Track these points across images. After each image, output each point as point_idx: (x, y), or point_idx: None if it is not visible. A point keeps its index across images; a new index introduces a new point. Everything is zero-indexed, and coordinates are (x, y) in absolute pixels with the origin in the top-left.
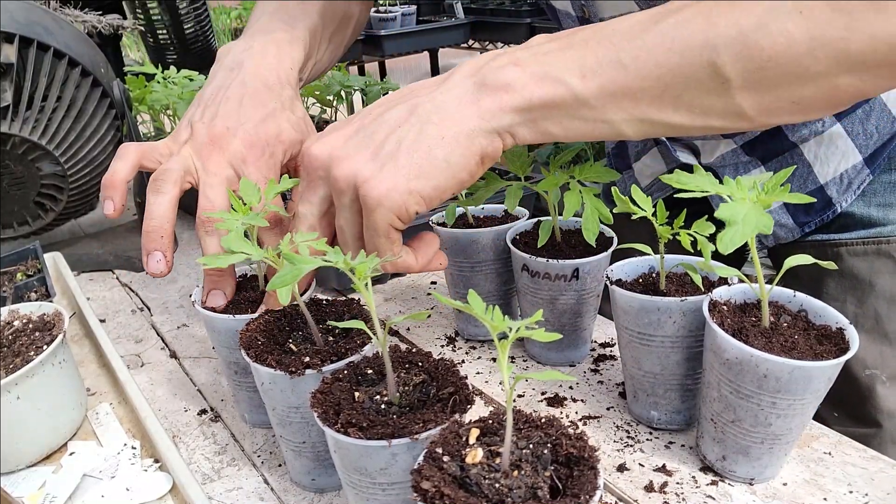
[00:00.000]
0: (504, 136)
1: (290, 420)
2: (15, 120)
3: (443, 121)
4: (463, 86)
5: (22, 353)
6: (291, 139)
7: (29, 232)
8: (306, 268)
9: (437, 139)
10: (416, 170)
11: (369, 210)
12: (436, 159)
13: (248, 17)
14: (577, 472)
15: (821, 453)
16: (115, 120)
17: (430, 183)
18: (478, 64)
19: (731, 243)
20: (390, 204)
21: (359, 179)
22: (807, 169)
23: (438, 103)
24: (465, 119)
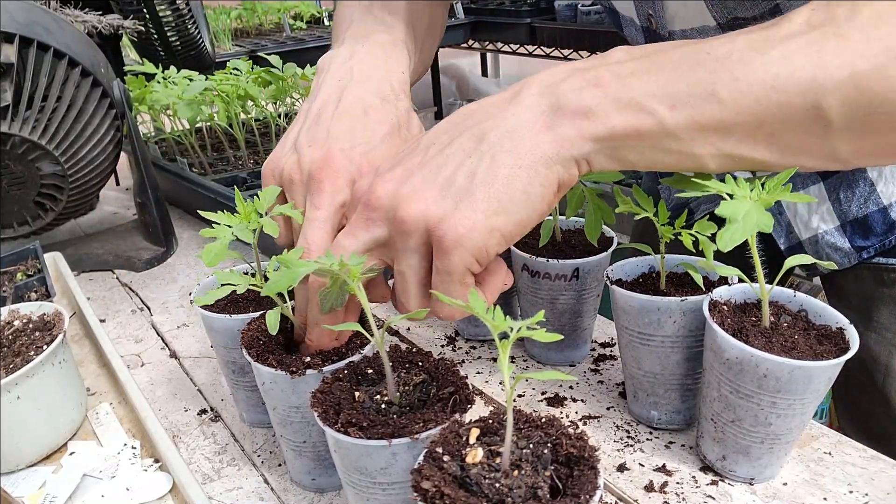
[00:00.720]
0: (581, 164)
1: (291, 420)
2: (15, 120)
3: (517, 147)
4: (536, 108)
5: (22, 353)
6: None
7: (29, 232)
8: (302, 272)
9: (513, 168)
10: (496, 205)
11: (444, 253)
12: (515, 191)
13: (249, 17)
14: (578, 472)
15: (821, 453)
16: (115, 120)
17: (512, 219)
18: (550, 81)
19: (730, 241)
20: (470, 245)
21: (431, 220)
22: (869, 188)
23: (510, 128)
24: (541, 146)
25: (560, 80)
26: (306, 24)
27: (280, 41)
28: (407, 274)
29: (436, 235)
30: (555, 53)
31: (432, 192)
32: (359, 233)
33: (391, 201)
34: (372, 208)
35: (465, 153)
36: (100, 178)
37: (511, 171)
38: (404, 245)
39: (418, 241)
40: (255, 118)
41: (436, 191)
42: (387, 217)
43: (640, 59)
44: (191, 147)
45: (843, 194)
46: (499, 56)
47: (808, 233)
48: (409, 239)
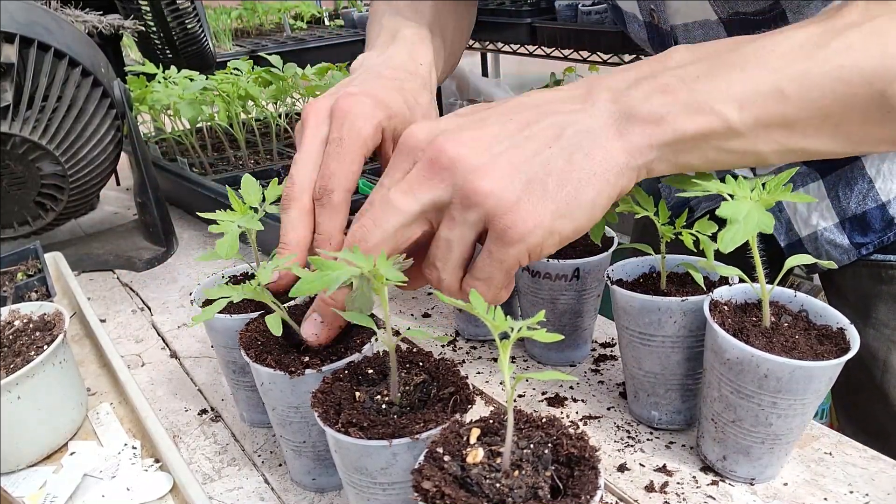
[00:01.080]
0: (641, 172)
1: (291, 420)
2: (15, 120)
3: (592, 151)
4: (608, 113)
5: (22, 353)
6: (397, 109)
7: (29, 232)
8: (336, 276)
9: (587, 174)
10: (564, 207)
11: (505, 243)
12: (584, 199)
13: (249, 17)
14: (578, 472)
15: (821, 453)
16: (116, 120)
17: (573, 225)
18: (618, 87)
19: (731, 242)
20: (531, 242)
21: (501, 206)
22: (867, 185)
23: (586, 127)
24: (613, 154)
25: (628, 87)
26: (307, 24)
27: (280, 41)
28: (454, 244)
29: (501, 223)
30: (555, 53)
31: (508, 171)
32: (419, 192)
33: (463, 167)
34: (439, 167)
35: (544, 141)
36: (100, 178)
37: (584, 177)
38: (463, 216)
39: (479, 217)
40: (255, 118)
41: (512, 172)
42: (454, 182)
43: (702, 60)
44: (191, 147)
45: (842, 191)
46: (499, 56)
47: (808, 230)
48: (470, 212)
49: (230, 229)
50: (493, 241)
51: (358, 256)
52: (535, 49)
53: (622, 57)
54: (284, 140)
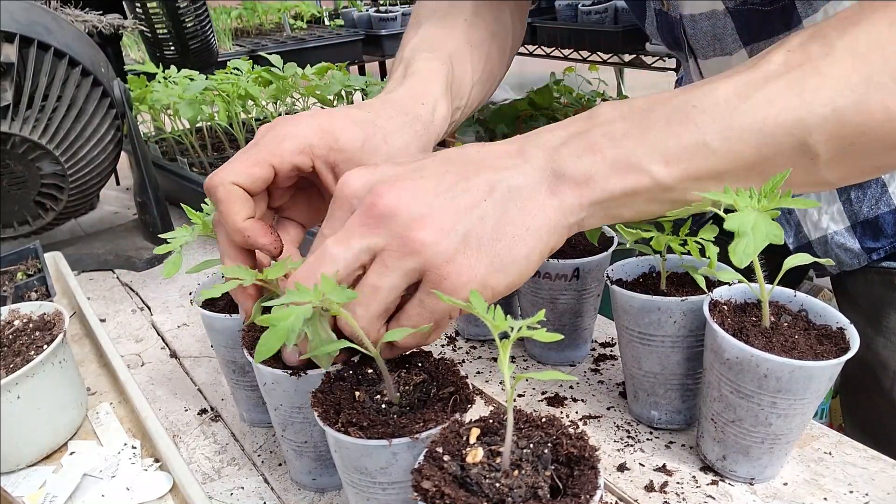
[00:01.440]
0: (573, 229)
1: (293, 420)
2: (15, 119)
3: (525, 206)
4: (541, 171)
5: (22, 353)
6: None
7: (29, 231)
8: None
9: (521, 230)
10: (498, 263)
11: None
12: (518, 254)
13: (249, 17)
14: (578, 472)
15: (821, 453)
16: (116, 119)
17: (506, 280)
18: (549, 145)
19: (745, 255)
20: (463, 295)
21: (439, 256)
22: (881, 189)
23: (519, 184)
24: (546, 211)
25: (560, 145)
26: (307, 24)
27: (280, 41)
28: (382, 291)
29: (436, 274)
30: (555, 53)
31: (446, 223)
32: (354, 240)
33: (403, 216)
34: (378, 214)
35: (480, 195)
36: (100, 177)
37: (518, 232)
38: (397, 264)
39: (415, 266)
40: (255, 118)
41: (450, 224)
42: (391, 231)
43: (629, 118)
44: (191, 147)
45: (855, 194)
46: None
47: (818, 233)
48: (407, 260)
49: (177, 246)
50: (427, 292)
51: (303, 292)
52: (535, 49)
53: (622, 56)
54: None
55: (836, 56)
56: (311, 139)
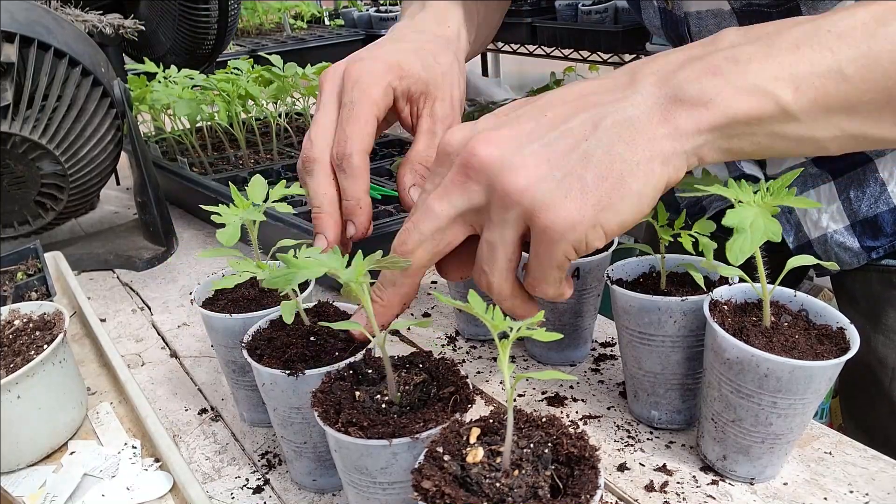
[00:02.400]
0: (691, 159)
1: (292, 421)
2: (15, 119)
3: (634, 140)
4: (652, 98)
5: (22, 353)
6: (413, 71)
7: (29, 231)
8: (302, 274)
9: (630, 164)
10: (606, 200)
11: (547, 242)
12: (628, 190)
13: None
14: (578, 472)
15: (821, 453)
16: (116, 119)
17: (618, 217)
18: (665, 70)
19: (741, 253)
20: (573, 238)
21: (537, 202)
22: (880, 188)
23: (628, 116)
24: (657, 140)
25: (675, 69)
26: (307, 24)
27: (281, 41)
28: (497, 247)
29: (540, 222)
30: (555, 53)
31: (543, 168)
32: (454, 196)
33: (496, 167)
34: (472, 170)
35: (581, 134)
36: (100, 177)
37: (626, 168)
38: (501, 217)
39: (517, 216)
40: (255, 117)
41: (546, 168)
42: (488, 183)
43: (755, 41)
44: (191, 146)
45: (854, 193)
46: (499, 56)
47: (818, 232)
48: (508, 212)
49: (231, 220)
50: (537, 240)
51: (333, 258)
52: (535, 49)
53: (622, 57)
54: (284, 139)
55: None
56: (388, 78)
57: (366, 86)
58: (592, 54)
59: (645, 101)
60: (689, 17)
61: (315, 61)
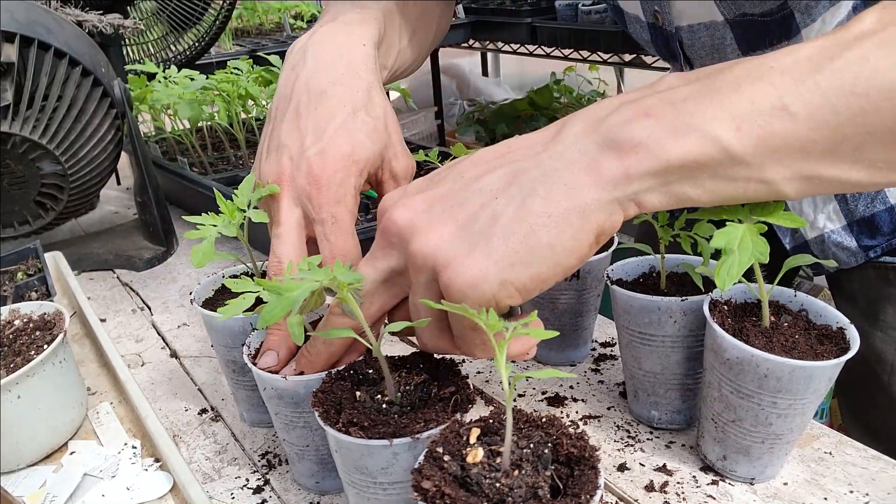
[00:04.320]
0: (627, 206)
1: (294, 425)
2: (15, 119)
3: (550, 193)
4: (578, 147)
5: (22, 353)
6: (368, 155)
7: (29, 231)
8: (297, 296)
9: (542, 217)
10: (513, 255)
11: (452, 299)
12: (538, 245)
13: (249, 17)
14: (578, 472)
15: (821, 453)
16: (116, 119)
17: (529, 271)
18: (595, 116)
19: (728, 277)
20: (477, 296)
21: (439, 261)
22: None
23: (546, 170)
24: (579, 190)
25: (605, 115)
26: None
27: (281, 41)
28: (420, 309)
29: (442, 280)
30: (555, 53)
31: (448, 228)
32: (377, 261)
33: (407, 231)
34: (388, 234)
35: (493, 192)
36: (100, 177)
37: (537, 221)
38: (416, 279)
39: (429, 278)
40: (255, 118)
41: (452, 229)
42: (400, 246)
43: (694, 82)
44: (191, 146)
45: (850, 194)
46: (499, 56)
47: (815, 232)
48: (419, 274)
49: (208, 234)
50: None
51: (315, 271)
52: (535, 49)
53: (622, 56)
54: None
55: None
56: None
57: (344, 200)
58: (592, 54)
59: (567, 150)
60: (681, 32)
61: None
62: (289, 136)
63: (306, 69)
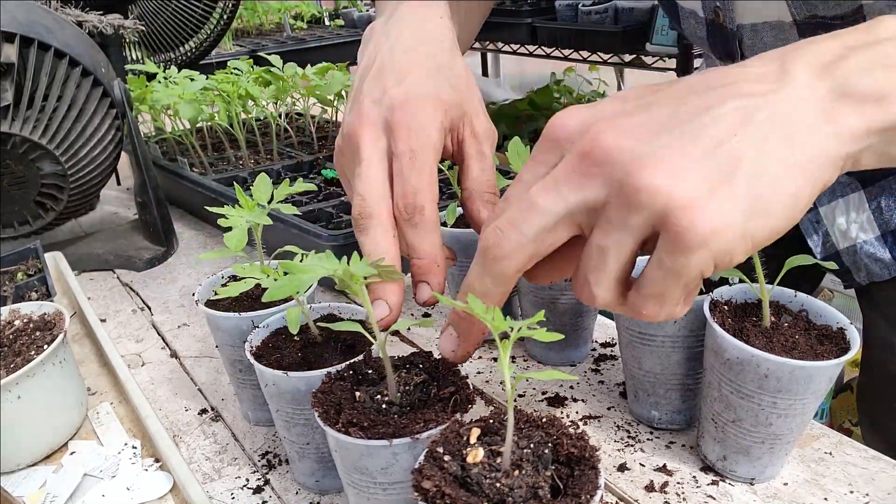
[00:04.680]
0: (847, 163)
1: (295, 422)
2: (16, 120)
3: (792, 138)
4: (812, 91)
5: (23, 353)
6: (451, 100)
7: (30, 231)
8: (307, 279)
9: (787, 165)
10: (758, 204)
11: (682, 249)
12: (784, 193)
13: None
14: (578, 472)
15: (821, 453)
16: (116, 119)
17: (769, 224)
18: (822, 59)
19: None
20: (717, 247)
21: (676, 202)
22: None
23: (782, 111)
24: (819, 140)
25: (836, 59)
26: (307, 24)
27: (281, 41)
28: (610, 253)
29: (678, 224)
30: (555, 53)
31: (683, 163)
32: (566, 191)
33: (626, 160)
34: (594, 161)
35: (729, 128)
36: (100, 177)
37: (783, 168)
38: (623, 220)
39: (645, 221)
40: (255, 118)
41: (686, 163)
42: (612, 178)
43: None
44: (191, 147)
45: (885, 202)
46: (499, 56)
47: (846, 242)
48: (634, 214)
49: (238, 224)
50: (667, 248)
51: (329, 260)
52: (535, 49)
53: (622, 56)
54: (284, 140)
55: None
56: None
57: (424, 133)
58: (592, 54)
59: (802, 93)
60: (743, 31)
61: (315, 61)
62: (370, 86)
63: (390, 39)
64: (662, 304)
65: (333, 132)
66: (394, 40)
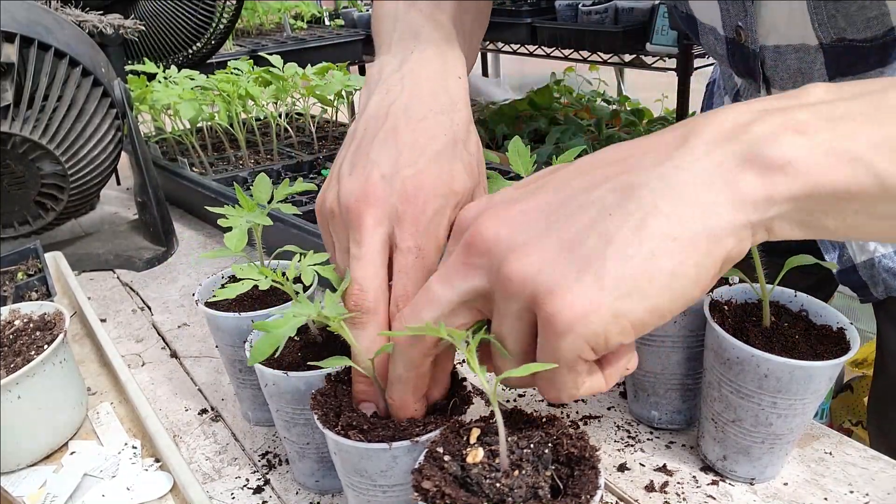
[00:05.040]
0: (757, 232)
1: (295, 422)
2: (16, 119)
3: (677, 212)
4: (711, 158)
5: (23, 353)
6: (464, 189)
7: (30, 231)
8: (283, 333)
9: (664, 241)
10: (628, 284)
11: (552, 335)
12: (659, 272)
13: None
14: (578, 472)
15: (822, 453)
16: (116, 119)
17: (645, 304)
18: (732, 124)
19: None
20: (586, 331)
21: (541, 288)
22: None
23: (672, 183)
24: (711, 210)
25: (749, 123)
26: (307, 24)
27: (281, 41)
28: (507, 340)
29: (544, 311)
30: (555, 53)
31: (551, 250)
32: (455, 280)
33: (498, 247)
34: (474, 252)
35: (605, 209)
36: (100, 177)
37: (658, 245)
38: (506, 307)
39: (522, 307)
40: (255, 118)
41: (556, 249)
42: (491, 267)
43: (851, 100)
44: (191, 147)
45: None
46: (499, 56)
47: (864, 256)
48: (512, 302)
49: (239, 224)
50: (542, 335)
51: (305, 305)
52: (535, 49)
53: (622, 56)
54: (285, 140)
55: None
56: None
57: (433, 233)
58: (592, 54)
59: (698, 161)
60: (766, 52)
61: (315, 61)
62: (381, 153)
63: (404, 94)
64: (556, 387)
65: (333, 132)
66: (409, 96)
